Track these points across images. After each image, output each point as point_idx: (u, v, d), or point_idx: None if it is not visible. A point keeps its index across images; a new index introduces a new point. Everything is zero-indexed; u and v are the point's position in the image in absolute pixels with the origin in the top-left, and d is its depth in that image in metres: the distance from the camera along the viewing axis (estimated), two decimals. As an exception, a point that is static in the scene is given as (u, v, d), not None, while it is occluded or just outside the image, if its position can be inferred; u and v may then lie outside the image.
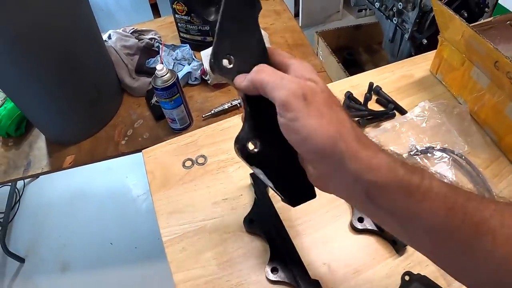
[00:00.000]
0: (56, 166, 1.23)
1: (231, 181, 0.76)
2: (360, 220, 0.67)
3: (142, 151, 0.84)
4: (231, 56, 0.41)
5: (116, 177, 2.28)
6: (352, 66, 1.94)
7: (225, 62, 0.41)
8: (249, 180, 0.75)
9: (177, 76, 1.02)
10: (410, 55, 1.53)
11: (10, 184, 2.15)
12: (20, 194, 2.26)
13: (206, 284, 0.63)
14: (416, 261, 0.63)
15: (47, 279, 1.90)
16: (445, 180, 0.36)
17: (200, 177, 0.77)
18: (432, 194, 0.35)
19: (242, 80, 0.40)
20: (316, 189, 0.45)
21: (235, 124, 0.87)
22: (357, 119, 0.85)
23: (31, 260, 1.97)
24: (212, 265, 0.65)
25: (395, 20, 1.57)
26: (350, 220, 0.68)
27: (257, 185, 0.70)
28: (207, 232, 0.69)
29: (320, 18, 2.78)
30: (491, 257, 0.33)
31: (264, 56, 0.43)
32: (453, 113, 0.86)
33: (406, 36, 1.51)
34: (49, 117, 1.22)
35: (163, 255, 1.81)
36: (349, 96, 0.90)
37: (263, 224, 0.67)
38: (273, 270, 0.62)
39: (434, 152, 0.79)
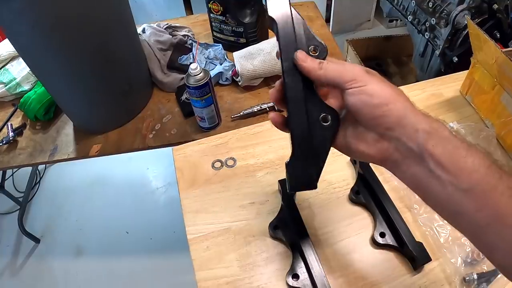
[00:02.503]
0: (82, 154, 1.26)
1: (259, 186, 0.78)
2: (382, 235, 0.69)
3: (173, 148, 0.86)
4: None
5: (137, 168, 2.31)
6: (380, 78, 1.93)
7: None
8: (276, 187, 0.76)
9: (210, 76, 1.04)
10: (439, 71, 1.53)
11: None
12: (41, 175, 2.31)
13: (227, 285, 0.65)
14: (433, 280, 0.65)
15: (61, 261, 1.94)
16: None
17: (229, 179, 0.79)
18: (476, 152, 0.38)
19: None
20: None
21: (266, 129, 0.89)
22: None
23: (46, 241, 2.02)
24: (235, 266, 0.67)
25: (427, 35, 1.57)
26: (372, 235, 0.69)
27: (285, 192, 0.72)
28: (232, 233, 0.71)
29: (350, 25, 2.78)
30: None
31: None
32: (480, 136, 0.86)
33: (437, 52, 1.51)
34: (79, 105, 1.25)
35: (178, 248, 1.86)
36: (379, 111, 0.90)
37: (288, 230, 0.69)
38: (294, 277, 0.63)
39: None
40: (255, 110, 1.18)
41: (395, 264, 0.67)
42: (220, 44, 1.38)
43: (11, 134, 1.31)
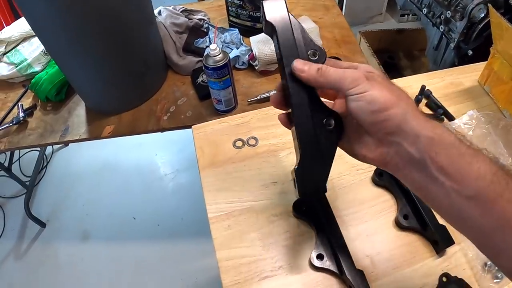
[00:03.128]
0: (94, 134, 1.25)
1: (282, 166, 0.77)
2: (405, 217, 0.69)
3: (192, 126, 0.86)
4: None
5: (145, 154, 2.30)
6: (392, 70, 1.93)
7: None
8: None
9: (229, 58, 1.03)
10: (453, 65, 1.53)
11: (39, 149, 2.21)
12: (48, 160, 2.31)
13: (249, 264, 0.64)
14: (454, 264, 0.65)
15: (66, 246, 1.94)
16: None
17: (250, 158, 0.78)
18: (482, 157, 0.38)
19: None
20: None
21: (288, 110, 0.88)
22: (406, 120, 0.85)
23: (52, 226, 2.02)
24: (257, 246, 0.67)
25: (441, 28, 1.56)
26: (395, 217, 0.69)
27: None
28: (254, 212, 0.71)
29: (362, 18, 2.78)
30: None
31: None
32: (499, 125, 0.86)
33: (452, 45, 1.50)
34: (93, 85, 1.24)
35: (185, 235, 1.86)
36: (400, 96, 0.90)
37: (312, 210, 0.68)
38: (319, 257, 0.63)
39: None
40: (271, 94, 1.17)
41: (418, 247, 0.67)
42: (237, 29, 1.38)
43: (21, 114, 1.30)
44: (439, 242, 0.65)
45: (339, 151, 0.74)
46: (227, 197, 0.73)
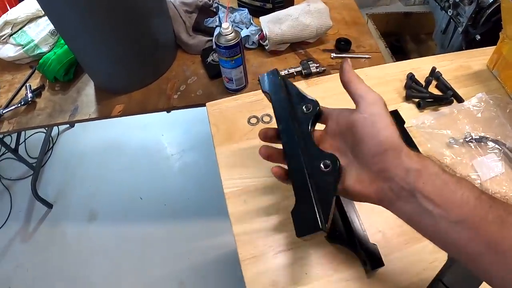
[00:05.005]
0: (104, 113, 1.25)
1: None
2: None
3: (207, 103, 0.87)
4: None
5: (151, 134, 2.32)
6: (398, 53, 1.94)
7: None
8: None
9: (241, 37, 1.04)
10: (460, 49, 1.54)
11: (45, 130, 2.22)
12: (54, 141, 2.32)
13: (266, 238, 0.66)
14: None
15: (74, 226, 1.96)
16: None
17: (265, 135, 0.80)
18: (465, 184, 0.40)
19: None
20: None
21: (301, 88, 0.89)
22: (417, 100, 0.87)
23: (59, 207, 2.04)
24: (273, 220, 0.69)
25: (450, 12, 1.57)
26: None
27: None
28: (269, 188, 0.73)
29: (368, 1, 2.76)
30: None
31: None
32: (507, 109, 0.88)
33: (460, 29, 1.50)
34: (103, 64, 1.24)
35: (191, 214, 1.89)
36: (411, 77, 0.92)
37: None
38: (333, 231, 0.65)
39: (487, 142, 0.82)
40: (283, 74, 1.18)
41: (428, 223, 0.69)
42: (246, 9, 1.38)
43: (29, 95, 1.30)
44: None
45: None
46: (242, 172, 0.75)
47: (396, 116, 0.80)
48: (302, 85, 0.91)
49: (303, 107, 0.55)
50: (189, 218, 1.91)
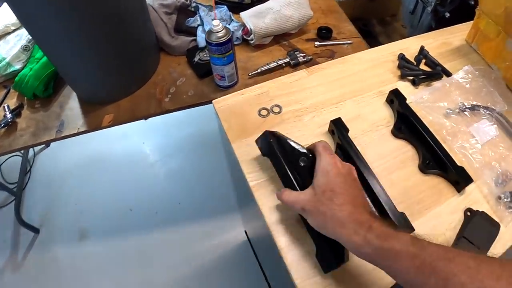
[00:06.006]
0: (94, 125, 1.21)
1: (309, 129, 0.82)
2: (428, 163, 0.76)
3: (213, 101, 0.89)
4: None
5: (132, 143, 2.27)
6: (367, 37, 1.99)
7: None
8: (326, 128, 0.82)
9: (232, 33, 1.05)
10: (430, 27, 1.60)
11: (21, 154, 2.13)
12: (31, 163, 2.22)
13: (300, 222, 0.68)
14: (473, 200, 0.73)
15: (64, 248, 1.88)
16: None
17: (278, 125, 0.83)
18: (403, 255, 0.46)
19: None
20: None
21: (302, 77, 0.94)
22: (411, 78, 0.92)
23: (46, 230, 1.95)
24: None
25: (417, -7, 1.63)
26: (418, 164, 0.77)
27: (340, 130, 0.77)
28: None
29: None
30: None
31: None
32: (491, 77, 0.94)
33: (429, 9, 1.57)
34: (86, 72, 1.20)
35: (185, 219, 1.89)
36: (402, 57, 0.97)
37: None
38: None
39: (479, 109, 0.88)
40: (272, 67, 1.20)
41: (442, 189, 0.75)
42: (225, 5, 1.39)
43: (9, 116, 1.22)
44: (460, 182, 0.73)
45: (356, 112, 0.79)
46: (263, 163, 0.77)
47: (397, 94, 0.84)
48: (302, 74, 0.94)
49: (300, 162, 0.66)
50: (183, 223, 1.90)
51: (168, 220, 1.91)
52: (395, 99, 0.83)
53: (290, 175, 0.64)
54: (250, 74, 1.20)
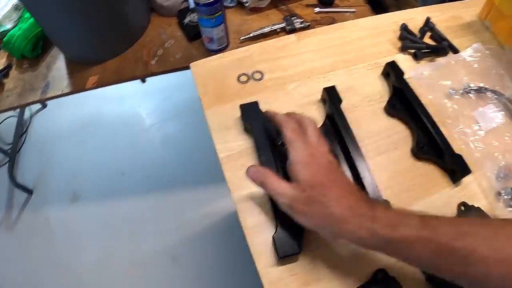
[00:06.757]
0: (78, 87, 1.17)
1: (291, 98, 0.74)
2: (422, 147, 0.67)
3: (191, 64, 0.81)
4: None
5: (128, 107, 2.23)
6: (377, 8, 1.89)
7: None
8: (311, 98, 0.74)
9: (222, -7, 0.97)
10: (443, 1, 1.50)
11: (17, 115, 2.13)
12: (27, 124, 2.21)
13: (268, 204, 0.61)
14: (470, 193, 0.64)
15: (57, 210, 1.89)
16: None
17: (258, 93, 0.74)
18: (416, 241, 0.42)
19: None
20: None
21: (291, 42, 0.85)
22: (413, 51, 0.83)
23: (39, 192, 1.96)
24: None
25: (432, -36, 1.52)
26: (412, 147, 0.68)
27: (333, 100, 0.69)
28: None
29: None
30: (487, 282, 0.39)
31: None
32: (503, 59, 0.84)
33: (442, -19, 1.46)
34: (72, 32, 1.15)
35: (177, 185, 1.84)
36: (404, 28, 0.88)
37: (333, 140, 0.67)
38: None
39: (486, 93, 0.79)
40: (266, 31, 1.12)
41: (435, 177, 0.66)
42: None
43: None
44: (456, 171, 0.64)
45: (347, 83, 0.70)
46: (237, 134, 0.69)
47: (393, 67, 0.75)
48: (291, 39, 0.85)
49: (281, 142, 0.60)
50: (175, 189, 1.87)
51: (160, 186, 1.88)
52: (392, 72, 0.75)
53: (271, 153, 0.60)
54: (241, 38, 1.12)
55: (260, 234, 0.59)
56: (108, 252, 1.73)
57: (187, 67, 1.09)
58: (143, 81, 2.27)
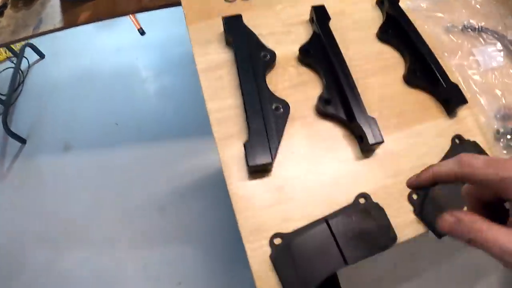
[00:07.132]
0: (70, 22, 1.15)
1: (279, 19, 0.70)
2: (415, 73, 0.64)
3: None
4: None
5: (125, 58, 2.18)
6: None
7: None
8: (298, 20, 0.70)
9: None
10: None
11: (13, 65, 2.10)
12: (25, 75, 2.17)
13: (241, 116, 0.58)
14: (466, 128, 0.61)
15: (49, 159, 1.86)
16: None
17: (245, 12, 0.69)
18: None
19: None
20: None
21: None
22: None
23: (33, 141, 1.93)
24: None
25: None
26: (404, 73, 0.64)
27: (321, 19, 0.65)
28: (248, 64, 0.64)
29: None
30: None
31: None
32: (507, 1, 0.80)
33: None
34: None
35: (169, 137, 1.79)
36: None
37: (319, 56, 0.63)
38: (326, 102, 0.58)
39: (487, 33, 0.75)
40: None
41: (429, 106, 0.62)
42: None
43: None
44: (451, 101, 0.61)
45: (340, 7, 0.72)
46: (218, 47, 0.66)
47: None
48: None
49: (261, 55, 0.62)
50: (167, 141, 1.83)
51: (152, 137, 1.86)
52: (386, -1, 0.71)
53: (249, 66, 0.59)
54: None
55: (231, 146, 0.55)
56: (97, 201, 1.70)
57: (180, 3, 1.07)
58: (142, 33, 2.24)
